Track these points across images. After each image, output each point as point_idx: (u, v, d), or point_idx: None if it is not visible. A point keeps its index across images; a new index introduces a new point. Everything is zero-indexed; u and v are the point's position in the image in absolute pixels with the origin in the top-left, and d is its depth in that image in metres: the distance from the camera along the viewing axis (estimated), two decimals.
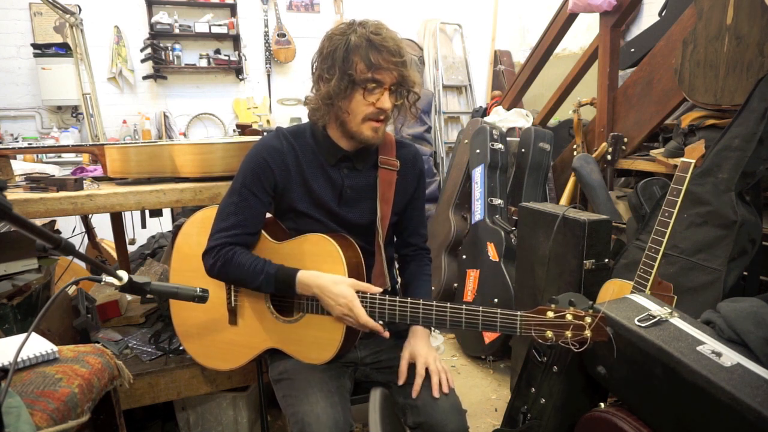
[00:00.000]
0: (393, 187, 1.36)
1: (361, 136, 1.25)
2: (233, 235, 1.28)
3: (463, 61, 5.27)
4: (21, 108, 4.21)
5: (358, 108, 1.22)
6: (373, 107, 1.21)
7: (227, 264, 1.27)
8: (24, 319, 1.52)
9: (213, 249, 1.28)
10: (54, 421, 0.95)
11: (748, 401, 1.00)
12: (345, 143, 1.30)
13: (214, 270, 1.30)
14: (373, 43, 1.18)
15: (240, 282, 1.31)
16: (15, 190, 1.62)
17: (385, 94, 1.21)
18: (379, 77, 1.19)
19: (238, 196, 1.29)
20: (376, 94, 1.21)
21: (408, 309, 1.20)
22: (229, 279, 1.33)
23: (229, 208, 1.29)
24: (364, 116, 1.23)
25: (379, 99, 1.21)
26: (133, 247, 3.04)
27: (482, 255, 2.66)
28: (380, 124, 1.25)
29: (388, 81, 1.20)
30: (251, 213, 1.29)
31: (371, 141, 1.26)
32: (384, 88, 1.21)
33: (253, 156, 1.31)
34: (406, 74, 1.22)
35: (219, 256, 1.27)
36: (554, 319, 1.08)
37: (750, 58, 1.84)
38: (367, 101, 1.21)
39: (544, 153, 2.95)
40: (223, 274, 1.30)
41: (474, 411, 2.17)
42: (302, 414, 1.16)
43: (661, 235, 1.56)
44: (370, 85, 1.20)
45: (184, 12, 4.52)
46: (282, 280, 1.25)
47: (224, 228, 1.28)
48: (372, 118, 1.23)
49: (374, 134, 1.25)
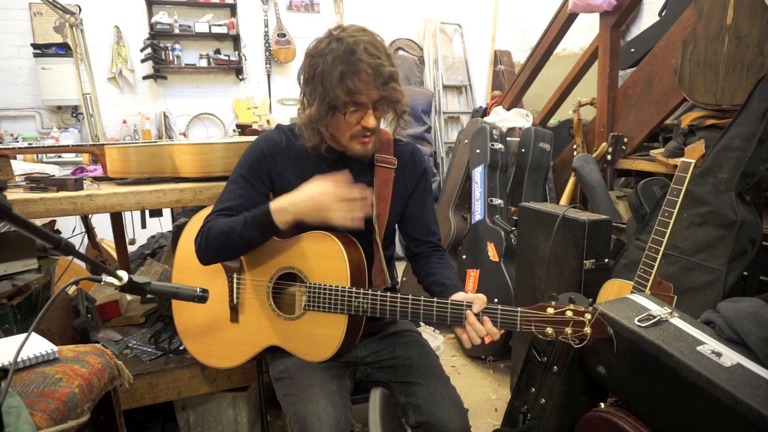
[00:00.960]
0: (390, 186, 1.36)
1: (352, 152, 1.26)
2: (222, 213, 1.27)
3: (463, 61, 5.27)
4: (21, 108, 4.21)
5: (343, 127, 1.23)
6: (358, 126, 1.22)
7: (208, 235, 1.25)
8: (24, 319, 1.52)
9: (200, 230, 1.28)
10: (54, 421, 0.95)
11: (748, 401, 1.00)
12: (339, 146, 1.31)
13: (200, 249, 1.28)
14: (349, 66, 1.14)
15: (225, 246, 1.25)
16: (15, 190, 1.62)
17: (368, 113, 1.20)
18: (358, 100, 1.18)
19: (235, 183, 1.31)
20: (358, 114, 1.21)
21: (409, 306, 1.20)
22: (214, 248, 1.26)
23: (225, 195, 1.31)
24: (351, 135, 1.23)
25: (363, 118, 1.21)
26: (133, 247, 3.05)
27: (482, 255, 2.66)
28: (369, 138, 1.25)
29: (368, 101, 1.19)
30: (245, 200, 1.29)
31: (362, 155, 1.27)
32: (366, 108, 1.20)
33: (253, 147, 1.33)
34: (387, 92, 1.19)
35: (201, 232, 1.27)
36: (554, 315, 1.09)
37: (750, 58, 1.84)
38: (350, 122, 1.21)
39: (544, 153, 2.95)
40: (208, 249, 1.26)
41: (474, 411, 2.17)
42: (303, 413, 1.16)
43: (661, 235, 1.56)
44: (351, 108, 1.19)
45: (184, 12, 4.52)
46: (259, 219, 1.20)
47: (215, 211, 1.29)
48: (359, 136, 1.24)
49: (363, 148, 1.26)
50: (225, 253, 1.29)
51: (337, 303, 1.25)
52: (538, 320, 1.10)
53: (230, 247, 1.26)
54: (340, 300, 1.24)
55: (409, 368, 1.32)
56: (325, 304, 1.26)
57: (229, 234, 1.22)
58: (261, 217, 1.20)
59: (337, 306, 1.25)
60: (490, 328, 1.15)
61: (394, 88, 1.20)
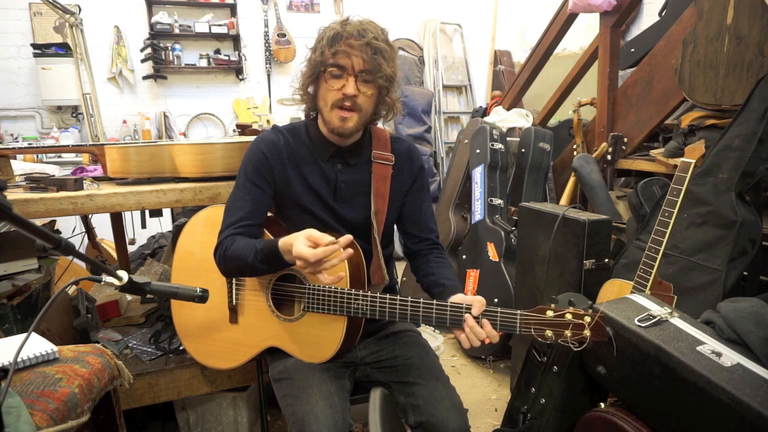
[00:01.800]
0: (388, 182, 1.37)
1: (331, 124, 1.27)
2: (238, 227, 1.28)
3: (463, 61, 5.27)
4: (21, 108, 4.21)
5: (326, 94, 1.25)
6: (338, 93, 1.23)
7: (226, 256, 1.26)
8: (24, 319, 1.52)
9: (218, 246, 1.29)
10: (54, 421, 0.95)
11: (748, 401, 1.00)
12: (336, 138, 1.32)
13: (221, 266, 1.30)
14: (338, 30, 1.21)
15: (240, 269, 1.27)
16: (15, 190, 1.62)
17: (349, 80, 1.22)
18: (341, 62, 1.21)
19: (243, 190, 1.31)
20: (341, 80, 1.22)
21: (408, 308, 1.20)
22: (232, 269, 1.30)
23: (235, 203, 1.31)
24: (332, 103, 1.24)
25: (344, 85, 1.22)
26: (133, 247, 3.04)
27: (482, 255, 2.66)
28: (349, 113, 1.25)
29: (351, 66, 1.21)
30: (256, 205, 1.30)
31: (339, 130, 1.27)
32: (348, 74, 1.22)
33: (252, 149, 1.34)
34: (372, 62, 1.21)
35: (221, 250, 1.28)
36: (554, 318, 1.08)
37: (750, 58, 1.84)
38: (331, 86, 1.23)
39: (544, 153, 2.95)
40: (227, 268, 1.29)
41: (474, 411, 2.17)
42: (301, 414, 1.16)
43: (661, 235, 1.56)
44: (334, 71, 1.22)
45: (184, 12, 4.52)
46: (269, 252, 1.21)
47: (230, 223, 1.29)
48: (339, 106, 1.24)
49: (341, 123, 1.25)
50: (243, 275, 1.34)
51: (335, 305, 1.25)
52: (537, 323, 1.09)
53: (245, 271, 1.29)
54: (339, 302, 1.24)
55: (408, 368, 1.32)
56: (323, 305, 1.26)
57: (243, 264, 1.24)
58: (271, 250, 1.21)
59: (335, 308, 1.25)
60: (489, 331, 1.15)
61: (379, 61, 1.22)
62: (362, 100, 1.24)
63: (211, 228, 1.41)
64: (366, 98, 1.25)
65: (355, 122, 1.27)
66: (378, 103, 1.31)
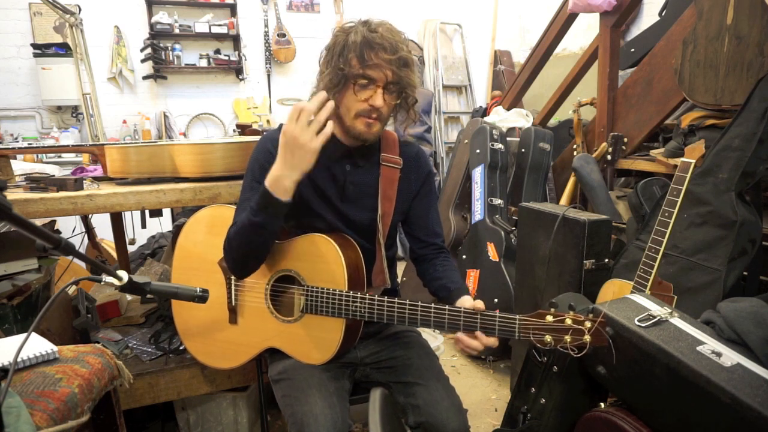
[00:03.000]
0: (396, 185, 1.36)
1: (354, 131, 1.25)
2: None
3: (463, 61, 5.27)
4: (21, 108, 4.21)
5: (351, 104, 1.22)
6: (365, 104, 1.21)
7: (229, 244, 1.24)
8: (24, 319, 1.52)
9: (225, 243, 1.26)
10: (54, 421, 0.95)
11: (748, 401, 1.00)
12: (346, 139, 1.31)
13: (228, 257, 1.26)
14: (368, 40, 1.18)
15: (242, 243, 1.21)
16: (15, 190, 1.62)
17: (378, 92, 1.20)
18: (371, 74, 1.19)
19: (249, 190, 1.28)
20: (368, 91, 1.20)
21: (407, 311, 1.20)
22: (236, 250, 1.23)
23: (243, 204, 1.28)
24: (357, 112, 1.22)
25: (372, 96, 1.20)
26: (133, 247, 3.04)
27: (482, 255, 2.66)
28: (374, 120, 1.24)
29: (380, 79, 1.19)
30: None
31: (364, 136, 1.25)
32: (377, 86, 1.20)
33: (259, 148, 1.31)
34: (401, 74, 1.20)
35: (226, 241, 1.25)
36: (553, 323, 1.07)
37: (750, 58, 1.84)
38: (359, 98, 1.21)
39: (544, 153, 2.95)
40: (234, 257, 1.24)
41: (474, 411, 2.17)
42: (300, 414, 1.16)
43: (661, 235, 1.56)
44: (362, 81, 1.20)
45: (184, 12, 4.52)
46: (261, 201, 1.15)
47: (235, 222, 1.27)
48: (364, 115, 1.22)
49: (367, 129, 1.24)
50: (249, 253, 1.24)
51: (334, 307, 1.25)
52: (536, 328, 1.08)
53: (250, 244, 1.21)
54: (338, 304, 1.24)
55: (408, 368, 1.32)
56: (322, 307, 1.26)
57: (242, 230, 1.19)
58: (262, 198, 1.15)
59: (334, 310, 1.25)
60: (485, 341, 1.14)
61: (407, 74, 1.22)
62: (386, 109, 1.24)
63: (209, 228, 1.41)
64: (389, 106, 1.25)
65: (379, 129, 1.27)
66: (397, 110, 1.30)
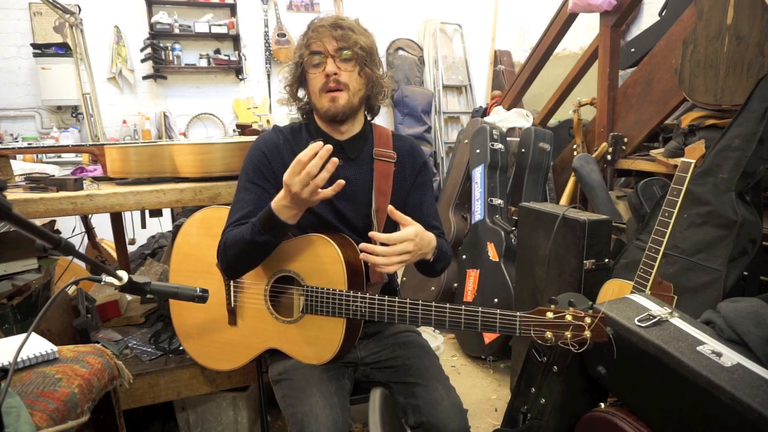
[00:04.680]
0: (390, 180, 1.36)
1: (323, 110, 1.28)
2: (238, 224, 1.26)
3: (463, 61, 5.28)
4: (21, 108, 4.21)
5: (313, 85, 1.28)
6: (321, 76, 1.26)
7: (225, 246, 1.24)
8: (24, 319, 1.52)
9: (219, 245, 1.27)
10: (54, 421, 0.95)
11: (748, 401, 1.00)
12: (336, 133, 1.33)
13: (223, 263, 1.26)
14: (310, 25, 1.29)
15: (240, 253, 1.22)
16: (15, 190, 1.62)
17: (328, 61, 1.25)
18: (316, 47, 1.25)
19: (244, 191, 1.30)
20: (321, 66, 1.25)
21: (407, 309, 1.20)
22: (232, 259, 1.24)
23: (237, 204, 1.30)
24: (319, 88, 1.26)
25: (324, 67, 1.25)
26: (133, 247, 3.04)
27: (482, 255, 2.66)
28: (337, 93, 1.26)
29: (325, 49, 1.24)
30: (257, 203, 1.27)
31: (332, 111, 1.27)
32: (325, 56, 1.25)
33: (253, 150, 1.34)
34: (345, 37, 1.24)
35: (220, 246, 1.26)
36: (554, 319, 1.08)
37: (750, 58, 1.84)
38: (315, 75, 1.26)
39: (544, 153, 2.95)
40: (227, 259, 1.25)
41: (474, 411, 2.17)
42: (301, 414, 1.16)
43: (661, 235, 1.56)
44: (313, 59, 1.26)
45: (184, 12, 4.52)
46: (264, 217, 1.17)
47: (231, 222, 1.28)
48: (326, 90, 1.26)
49: (331, 104, 1.26)
50: (244, 263, 1.26)
51: (334, 307, 1.25)
52: (537, 325, 1.09)
53: (247, 257, 1.23)
54: (338, 304, 1.24)
55: (408, 369, 1.32)
56: (322, 307, 1.26)
57: (241, 242, 1.20)
58: (268, 220, 1.16)
59: (334, 309, 1.25)
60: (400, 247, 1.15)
61: (350, 35, 1.25)
62: (345, 77, 1.26)
63: (206, 230, 1.41)
64: (348, 74, 1.26)
65: (346, 100, 1.27)
66: (367, 82, 1.30)
